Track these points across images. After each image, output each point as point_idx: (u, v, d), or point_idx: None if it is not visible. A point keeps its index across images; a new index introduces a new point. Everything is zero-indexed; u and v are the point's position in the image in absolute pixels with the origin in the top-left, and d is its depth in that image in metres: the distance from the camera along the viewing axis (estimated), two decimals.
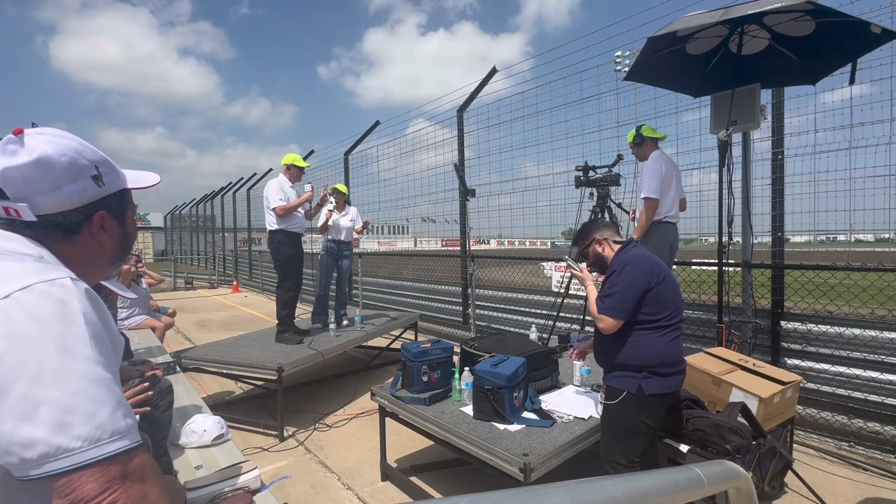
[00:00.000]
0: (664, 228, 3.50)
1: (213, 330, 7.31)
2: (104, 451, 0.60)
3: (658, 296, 1.98)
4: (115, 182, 0.81)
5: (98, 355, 0.63)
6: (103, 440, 0.60)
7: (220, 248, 16.97)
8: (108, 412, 0.61)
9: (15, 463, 0.57)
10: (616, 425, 2.03)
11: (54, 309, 0.62)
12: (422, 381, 2.67)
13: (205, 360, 3.73)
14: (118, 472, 0.61)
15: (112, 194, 0.81)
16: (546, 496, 0.58)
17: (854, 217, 3.26)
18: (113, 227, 0.82)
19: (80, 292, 0.66)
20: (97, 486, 0.59)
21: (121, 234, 0.84)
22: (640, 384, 1.95)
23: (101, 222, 0.78)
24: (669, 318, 2.00)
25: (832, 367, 3.26)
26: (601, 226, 2.27)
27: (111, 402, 0.62)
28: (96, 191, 0.77)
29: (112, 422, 0.61)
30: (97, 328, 0.65)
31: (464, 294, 6.09)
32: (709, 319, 3.90)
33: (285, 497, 2.59)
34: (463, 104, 5.91)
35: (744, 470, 0.89)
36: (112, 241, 0.82)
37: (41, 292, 0.62)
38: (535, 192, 5.34)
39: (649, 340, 1.97)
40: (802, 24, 2.87)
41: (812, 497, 2.41)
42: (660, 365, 1.96)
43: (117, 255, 0.85)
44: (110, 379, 0.64)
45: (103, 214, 0.79)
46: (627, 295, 1.97)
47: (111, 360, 0.67)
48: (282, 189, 4.15)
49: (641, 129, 3.62)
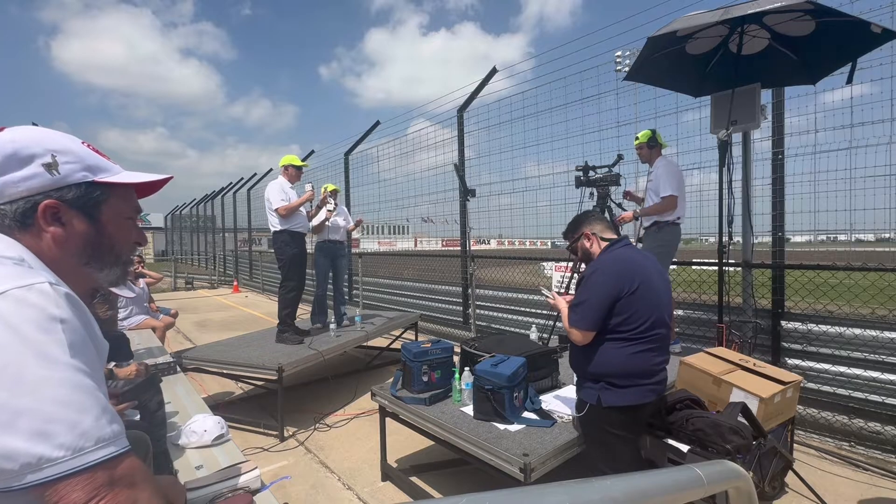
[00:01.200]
0: (674, 230, 3.55)
1: (213, 330, 7.31)
2: (89, 460, 0.59)
3: (629, 305, 1.87)
4: (75, 173, 0.74)
5: (79, 362, 0.62)
6: (87, 448, 0.59)
7: (221, 248, 16.98)
8: (92, 419, 0.60)
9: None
10: (589, 437, 2.03)
11: (31, 315, 0.60)
12: (422, 381, 2.67)
13: (205, 360, 3.74)
14: (105, 478, 0.60)
15: (71, 185, 0.73)
16: (546, 496, 0.58)
17: (854, 217, 3.26)
18: (74, 222, 0.74)
19: (60, 297, 0.63)
20: (84, 494, 0.58)
21: (87, 231, 0.76)
22: (599, 395, 1.92)
23: (49, 213, 0.72)
24: (643, 329, 1.88)
25: (833, 366, 3.26)
26: (592, 220, 2.15)
27: (94, 410, 0.61)
28: (47, 179, 0.72)
29: (96, 429, 0.60)
30: (78, 334, 0.64)
31: (464, 294, 6.09)
32: (709, 319, 3.89)
33: (285, 497, 2.59)
34: (463, 104, 5.91)
35: (744, 470, 0.89)
36: (75, 237, 0.75)
37: (17, 299, 0.60)
38: (535, 192, 5.35)
39: (614, 351, 1.90)
40: (802, 24, 2.87)
41: (812, 497, 2.41)
42: (618, 376, 1.89)
43: (89, 256, 0.77)
44: (93, 386, 0.62)
45: (50, 203, 0.72)
46: (595, 304, 1.89)
47: (95, 366, 0.65)
48: (282, 190, 4.18)
49: (657, 134, 3.67)
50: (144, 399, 1.80)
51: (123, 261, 0.83)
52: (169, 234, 26.78)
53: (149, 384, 1.92)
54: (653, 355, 1.94)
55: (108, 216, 0.78)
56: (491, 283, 6.20)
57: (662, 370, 2.01)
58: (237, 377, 3.93)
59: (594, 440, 2.01)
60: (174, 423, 2.04)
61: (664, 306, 1.98)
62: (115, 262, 0.81)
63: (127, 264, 0.85)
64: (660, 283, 2.00)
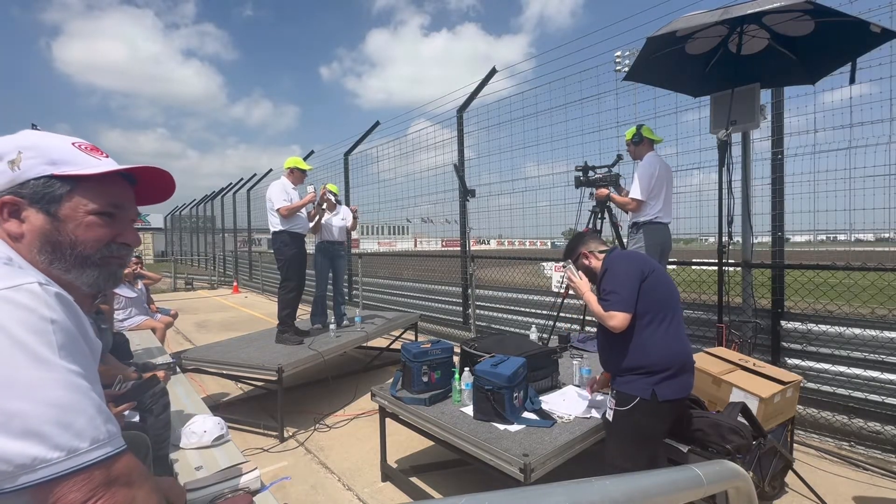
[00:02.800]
0: (654, 228, 3.53)
1: (213, 331, 7.31)
2: (85, 460, 0.59)
3: (652, 286, 1.97)
4: (35, 167, 0.71)
5: (71, 363, 0.61)
6: (82, 449, 0.59)
7: (221, 248, 16.97)
8: (86, 420, 0.60)
9: None
10: (626, 433, 1.97)
11: (20, 316, 0.59)
12: (422, 381, 2.67)
13: (205, 360, 3.73)
14: (102, 478, 0.60)
15: (29, 180, 0.71)
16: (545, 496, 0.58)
17: (854, 217, 3.26)
18: (31, 218, 0.71)
19: (50, 297, 0.63)
20: (81, 494, 0.58)
21: (44, 227, 0.71)
22: (654, 389, 1.88)
23: (7, 209, 0.71)
24: (668, 309, 1.98)
25: (832, 366, 3.26)
26: (585, 239, 2.26)
27: (89, 410, 0.61)
28: (9, 175, 0.70)
29: (91, 429, 0.60)
30: (70, 334, 0.63)
31: (464, 294, 6.09)
32: (709, 319, 3.89)
33: (285, 497, 2.59)
34: (463, 104, 5.91)
35: (744, 470, 0.89)
36: (32, 233, 0.71)
37: (5, 299, 0.59)
38: (535, 192, 5.34)
39: (656, 338, 1.93)
40: (802, 24, 2.87)
41: (812, 497, 2.41)
42: (671, 366, 1.91)
43: (50, 254, 0.72)
44: (86, 387, 0.62)
45: (8, 199, 0.70)
46: (627, 284, 1.95)
47: (88, 366, 0.65)
48: (285, 190, 4.19)
49: (642, 128, 3.64)
50: (149, 403, 1.80)
51: (95, 261, 0.76)
52: (169, 235, 26.76)
53: (148, 385, 1.92)
54: (685, 335, 2.03)
55: (68, 211, 0.73)
56: (491, 283, 6.20)
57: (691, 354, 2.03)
58: (237, 378, 3.93)
59: (632, 435, 1.96)
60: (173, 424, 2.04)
61: (674, 290, 2.10)
62: (84, 263, 0.75)
63: (107, 266, 0.78)
64: (663, 273, 2.12)
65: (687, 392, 1.99)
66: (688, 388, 1.99)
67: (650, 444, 1.98)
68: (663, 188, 3.56)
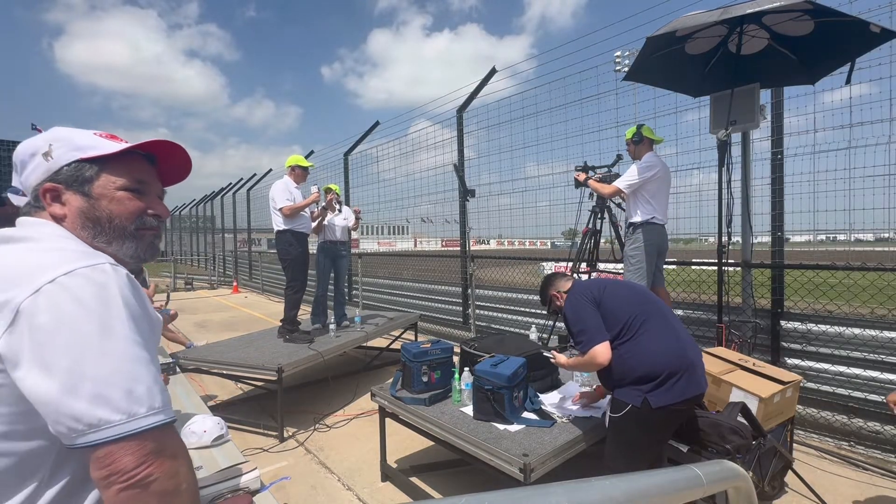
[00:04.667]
0: (652, 229, 3.54)
1: (212, 331, 7.31)
2: (142, 425, 0.65)
3: (608, 305, 2.03)
4: (64, 155, 0.79)
5: (136, 335, 0.69)
6: (140, 414, 0.65)
7: (220, 248, 16.96)
8: (145, 389, 0.66)
9: (63, 432, 0.63)
10: (622, 439, 1.99)
11: (96, 292, 0.67)
12: (422, 381, 2.67)
13: (204, 360, 3.73)
14: (153, 447, 0.66)
15: (62, 167, 0.79)
16: (545, 496, 0.58)
17: (854, 217, 3.26)
18: (71, 200, 0.79)
19: (120, 276, 0.71)
20: (134, 459, 0.63)
21: (83, 206, 0.80)
22: (646, 397, 1.87)
23: (48, 195, 0.79)
24: (639, 317, 1.98)
25: (832, 366, 3.26)
26: (553, 281, 2.35)
27: (148, 379, 0.67)
28: (45, 166, 0.79)
29: (149, 398, 0.66)
30: (135, 310, 0.71)
31: (464, 294, 6.09)
32: (709, 319, 3.89)
33: (285, 497, 2.59)
34: (462, 104, 5.91)
35: (743, 470, 0.89)
36: (73, 214, 0.79)
37: (84, 276, 0.67)
38: (535, 192, 5.34)
39: (635, 351, 1.93)
40: (801, 24, 2.87)
41: (812, 497, 2.41)
42: (659, 373, 1.88)
43: (92, 230, 0.80)
44: (147, 358, 0.69)
45: (48, 186, 0.79)
46: (587, 316, 2.02)
47: (148, 340, 0.72)
48: (288, 190, 4.17)
49: (642, 128, 3.64)
50: None
51: (132, 233, 0.84)
52: (168, 235, 26.73)
53: None
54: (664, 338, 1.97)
55: (100, 189, 0.81)
56: (490, 283, 6.20)
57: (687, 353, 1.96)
58: (237, 378, 3.93)
59: (626, 442, 1.97)
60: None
61: (638, 297, 2.11)
62: (122, 235, 0.83)
63: (143, 238, 0.86)
64: (621, 285, 2.19)
65: (685, 396, 1.90)
66: (687, 392, 1.90)
67: (648, 451, 1.96)
68: (662, 189, 3.57)
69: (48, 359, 0.62)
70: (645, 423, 1.91)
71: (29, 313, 0.63)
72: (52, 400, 0.62)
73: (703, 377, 1.99)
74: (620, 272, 3.88)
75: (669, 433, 2.06)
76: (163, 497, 0.65)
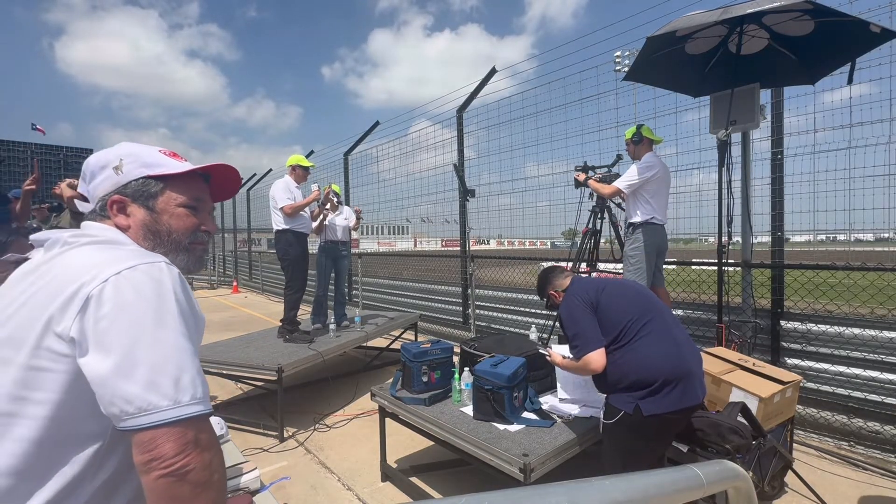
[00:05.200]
0: (652, 229, 3.54)
1: (212, 330, 7.30)
2: (185, 412, 0.68)
3: (606, 307, 1.99)
4: (134, 170, 0.87)
5: (184, 328, 0.74)
6: (184, 402, 0.69)
7: (220, 248, 16.96)
8: (189, 378, 0.71)
9: (116, 413, 0.67)
10: (615, 446, 1.97)
11: (153, 286, 0.73)
12: (422, 381, 2.67)
13: (204, 360, 3.73)
14: (193, 436, 0.69)
15: (131, 181, 0.87)
16: (545, 496, 0.58)
17: (853, 217, 3.26)
18: (136, 212, 0.87)
19: (174, 275, 0.77)
20: (175, 446, 0.67)
21: (146, 219, 0.87)
22: (638, 404, 1.83)
23: (115, 206, 0.86)
24: (638, 321, 1.93)
25: (832, 366, 3.26)
26: (550, 278, 2.32)
27: (192, 370, 0.72)
28: (115, 179, 0.86)
29: (192, 387, 0.71)
30: (185, 306, 0.76)
31: (464, 294, 6.09)
32: (709, 319, 3.89)
33: (285, 497, 2.59)
34: (462, 104, 5.91)
35: (743, 470, 0.89)
36: (137, 225, 0.87)
37: (144, 272, 0.74)
38: (534, 192, 5.34)
39: (630, 356, 1.89)
40: (801, 24, 2.87)
41: (812, 497, 2.41)
42: (654, 380, 1.82)
43: (152, 241, 0.88)
44: (193, 350, 0.74)
45: (116, 198, 0.86)
46: (584, 321, 1.97)
47: (194, 335, 0.77)
48: (288, 189, 4.18)
49: (642, 128, 3.64)
50: None
51: (185, 247, 0.91)
52: None
53: None
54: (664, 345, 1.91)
55: (163, 205, 0.89)
56: (490, 283, 6.20)
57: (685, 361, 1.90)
58: (237, 377, 3.93)
59: (620, 448, 1.94)
60: None
61: (639, 299, 2.05)
62: (177, 248, 0.90)
63: (194, 252, 0.93)
64: (620, 286, 2.14)
65: (679, 405, 1.83)
66: (682, 402, 1.83)
67: (643, 458, 1.92)
68: (662, 189, 3.57)
69: (108, 340, 0.68)
70: (637, 431, 1.86)
71: (97, 300, 0.69)
72: (107, 380, 0.66)
73: (700, 387, 1.93)
74: (620, 272, 3.89)
75: (665, 441, 2.03)
76: (196, 487, 0.68)
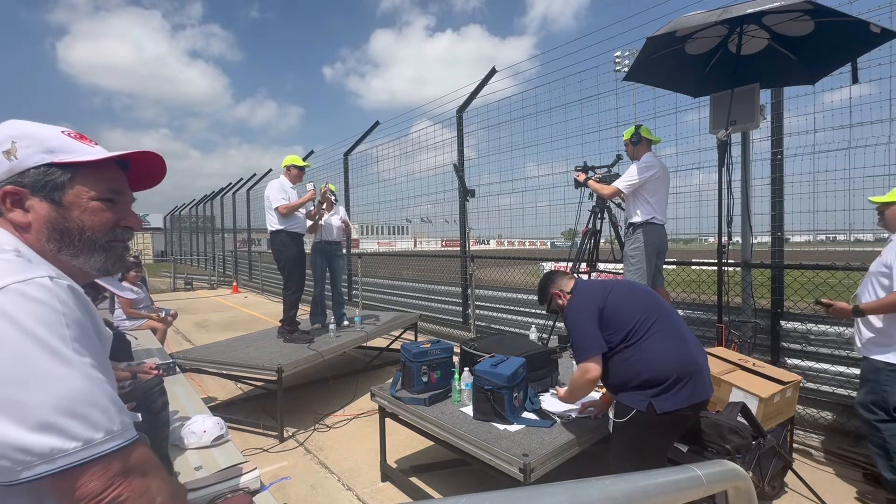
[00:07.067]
0: (652, 229, 3.54)
1: (212, 330, 7.30)
2: (101, 450, 0.60)
3: (614, 309, 1.97)
4: (32, 156, 0.71)
5: (84, 356, 0.62)
6: (97, 439, 0.60)
7: (220, 248, 16.96)
8: (100, 412, 0.61)
9: (7, 466, 0.56)
10: (625, 445, 1.95)
11: (32, 310, 0.59)
12: (421, 381, 2.67)
13: (204, 360, 3.73)
14: (119, 468, 0.62)
15: (29, 169, 0.71)
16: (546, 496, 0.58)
17: (853, 217, 3.26)
18: (37, 207, 0.72)
19: (62, 290, 0.63)
20: (100, 483, 0.60)
21: (51, 215, 0.72)
22: (651, 402, 1.82)
23: (9, 198, 0.71)
24: (647, 321, 1.93)
25: (832, 366, 3.26)
26: (554, 279, 2.29)
27: (102, 402, 0.62)
28: (6, 166, 0.71)
29: (106, 420, 0.61)
30: (82, 326, 0.64)
31: (463, 294, 6.09)
32: (709, 319, 3.89)
33: (285, 497, 2.59)
34: (462, 105, 5.91)
35: (743, 470, 0.89)
36: (39, 222, 0.72)
37: (18, 293, 0.60)
38: (534, 192, 5.34)
39: (641, 355, 1.89)
40: (801, 24, 2.87)
41: (812, 497, 2.41)
42: (666, 377, 1.83)
43: (58, 241, 0.73)
44: (100, 378, 0.63)
45: (10, 189, 0.71)
46: (586, 327, 1.96)
47: (100, 358, 0.66)
48: (283, 189, 4.17)
49: (640, 128, 3.64)
50: (148, 402, 1.79)
51: (102, 245, 0.77)
52: (168, 235, 26.74)
53: (152, 385, 1.92)
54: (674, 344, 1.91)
55: (72, 199, 0.74)
56: (490, 283, 6.20)
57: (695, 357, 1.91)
58: (236, 378, 3.93)
59: (631, 448, 1.93)
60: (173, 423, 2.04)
61: (647, 299, 2.05)
62: (92, 248, 0.76)
63: (112, 250, 0.79)
64: (626, 287, 2.13)
65: (692, 401, 1.84)
66: (693, 398, 1.85)
67: (654, 457, 1.92)
68: (661, 189, 3.57)
69: None
70: (650, 429, 1.86)
71: None
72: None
73: (709, 382, 1.95)
74: (620, 272, 3.89)
75: (674, 438, 2.03)
76: None
